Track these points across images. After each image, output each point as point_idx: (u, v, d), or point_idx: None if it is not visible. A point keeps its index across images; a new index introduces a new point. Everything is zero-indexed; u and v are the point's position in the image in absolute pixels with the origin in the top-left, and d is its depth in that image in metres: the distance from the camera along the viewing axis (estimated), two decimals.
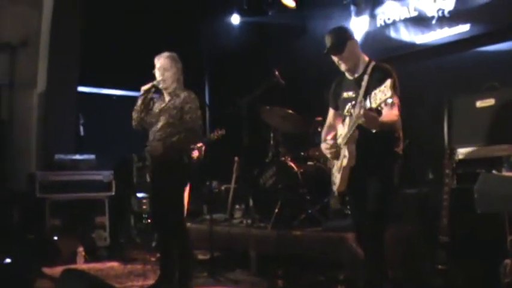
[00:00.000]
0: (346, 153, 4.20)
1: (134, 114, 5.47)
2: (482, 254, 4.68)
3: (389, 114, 4.04)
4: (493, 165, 5.01)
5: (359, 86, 4.24)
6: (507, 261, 3.36)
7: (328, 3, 8.31)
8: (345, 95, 4.44)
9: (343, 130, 4.29)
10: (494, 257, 3.70)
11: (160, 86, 5.36)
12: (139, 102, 5.43)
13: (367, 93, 3.99)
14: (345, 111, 4.37)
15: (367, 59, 4.45)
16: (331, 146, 4.42)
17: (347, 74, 4.48)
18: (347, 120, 4.24)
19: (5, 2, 8.09)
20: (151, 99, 5.51)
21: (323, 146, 4.54)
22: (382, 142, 4.16)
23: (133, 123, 5.49)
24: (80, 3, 8.62)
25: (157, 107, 5.42)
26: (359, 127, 4.01)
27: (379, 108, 3.72)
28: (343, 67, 4.43)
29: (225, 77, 9.61)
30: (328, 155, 4.52)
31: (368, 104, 3.80)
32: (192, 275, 5.36)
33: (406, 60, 7.05)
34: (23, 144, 8.17)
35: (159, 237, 5.77)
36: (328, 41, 4.41)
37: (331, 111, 4.73)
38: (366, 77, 4.22)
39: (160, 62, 5.34)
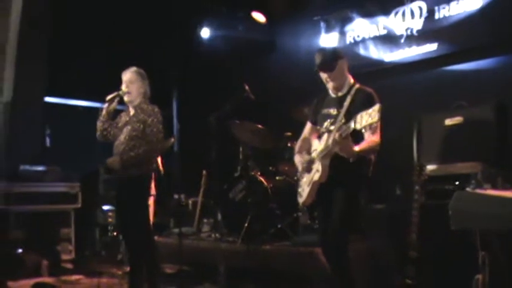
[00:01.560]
0: (320, 168, 4.26)
1: (98, 124, 5.45)
2: (452, 269, 4.74)
3: (371, 141, 4.12)
4: (461, 182, 5.13)
5: (341, 105, 4.34)
6: (478, 276, 3.41)
7: (298, 19, 8.38)
8: (325, 111, 4.50)
9: (318, 145, 4.33)
10: (465, 272, 3.75)
11: (126, 98, 5.34)
12: (103, 112, 5.42)
13: (348, 114, 4.13)
14: (323, 127, 4.42)
15: (352, 80, 4.53)
16: (304, 162, 4.48)
17: (331, 92, 4.54)
18: (324, 136, 4.28)
19: None
20: (117, 110, 5.49)
21: (297, 157, 4.62)
22: (354, 163, 4.20)
23: (97, 133, 5.47)
24: (48, 14, 8.53)
25: (122, 120, 5.42)
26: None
27: (363, 131, 3.79)
28: (330, 85, 4.48)
29: (194, 90, 9.59)
30: (300, 168, 4.57)
31: (352, 126, 3.83)
32: None
33: (374, 77, 7.10)
34: None
35: (128, 251, 5.72)
36: (318, 58, 4.46)
37: (308, 125, 4.79)
38: (348, 98, 4.33)
39: (127, 75, 5.36)
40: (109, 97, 5.37)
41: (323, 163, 4.24)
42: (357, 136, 4.08)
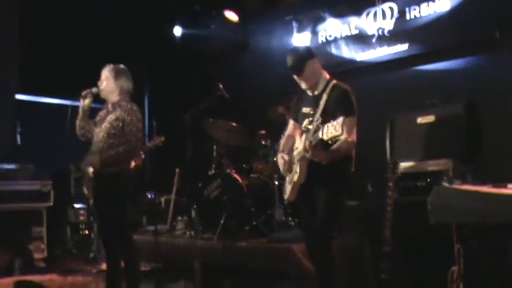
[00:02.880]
0: (298, 169, 4.35)
1: (76, 122, 5.44)
2: (425, 263, 4.87)
3: (343, 142, 4.11)
4: (433, 179, 5.26)
5: (317, 104, 4.41)
6: (454, 268, 3.52)
7: (270, 18, 8.44)
8: (304, 110, 4.57)
9: (299, 143, 4.40)
10: (438, 266, 3.86)
11: (101, 95, 5.34)
12: (79, 110, 5.42)
13: (324, 113, 4.24)
14: (303, 126, 4.51)
15: (328, 77, 4.59)
16: (285, 162, 4.57)
17: (307, 91, 4.60)
18: (304, 135, 4.35)
19: None
20: (93, 108, 5.47)
21: (279, 157, 4.68)
22: (334, 161, 4.29)
23: (76, 131, 5.46)
24: (18, 9, 8.45)
25: (100, 116, 5.40)
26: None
27: (329, 142, 3.88)
28: (303, 85, 4.56)
29: (167, 89, 9.61)
30: (281, 168, 4.64)
31: (319, 135, 3.92)
32: (139, 286, 5.33)
33: (347, 77, 7.08)
34: None
35: (105, 249, 5.72)
36: (289, 61, 4.52)
37: (291, 122, 4.85)
38: (324, 96, 4.40)
39: (103, 72, 5.33)
40: (83, 93, 5.37)
41: (301, 164, 4.33)
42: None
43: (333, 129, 3.75)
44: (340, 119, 3.72)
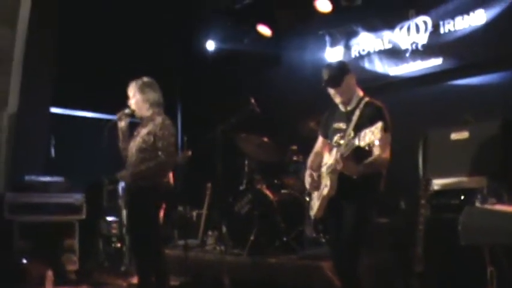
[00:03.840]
0: (328, 183, 4.28)
1: (119, 144, 5.46)
2: (457, 284, 4.75)
3: (376, 158, 4.06)
4: (467, 196, 5.15)
5: (349, 120, 4.35)
6: None
7: (303, 33, 8.43)
8: (335, 125, 4.51)
9: (329, 159, 4.35)
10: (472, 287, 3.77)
11: (130, 111, 5.36)
12: (119, 132, 5.43)
13: (357, 128, 4.15)
14: (333, 141, 4.45)
15: (361, 93, 4.53)
16: (313, 180, 4.52)
17: (340, 106, 4.54)
18: (334, 150, 4.30)
19: None
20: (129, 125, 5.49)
21: (307, 174, 4.62)
22: (364, 177, 4.22)
23: (121, 152, 5.47)
24: (55, 23, 8.56)
25: (137, 132, 5.37)
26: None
27: (367, 148, 3.81)
28: (338, 100, 4.50)
29: (199, 103, 9.63)
30: (308, 186, 4.59)
31: (356, 142, 3.87)
32: None
33: (380, 92, 7.07)
34: None
35: (136, 263, 5.71)
36: (325, 74, 4.47)
37: (320, 139, 4.79)
38: (357, 112, 4.33)
39: (129, 90, 5.34)
40: (117, 116, 5.39)
41: (331, 178, 4.27)
42: (364, 153, 4.09)
43: (370, 134, 3.70)
44: (379, 124, 3.66)
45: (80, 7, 8.54)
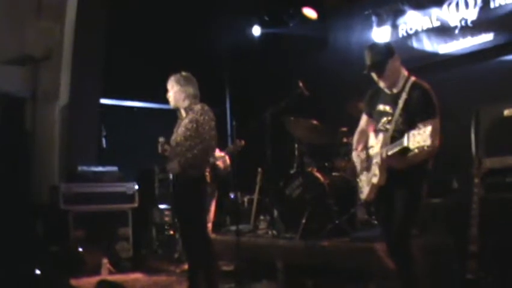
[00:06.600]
0: (377, 172, 4.22)
1: None
2: None
3: (426, 148, 3.79)
4: None
5: (396, 103, 4.26)
6: None
7: (349, 14, 8.36)
8: (381, 107, 4.42)
9: (375, 142, 4.29)
10: None
11: (172, 106, 5.48)
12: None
13: (403, 112, 4.15)
14: (380, 124, 4.37)
15: (406, 73, 4.39)
16: (362, 161, 4.47)
17: (385, 89, 4.44)
18: (381, 135, 4.23)
19: (28, 16, 8.14)
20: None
21: (354, 154, 4.56)
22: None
23: None
24: (103, 16, 8.67)
25: (177, 126, 5.48)
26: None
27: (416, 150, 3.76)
28: (382, 84, 4.39)
29: (247, 88, 9.63)
30: (358, 166, 4.53)
31: (405, 143, 3.81)
32: (218, 286, 5.36)
33: (429, 71, 7.00)
34: (46, 156, 8.18)
35: (185, 250, 5.76)
36: (368, 59, 4.37)
37: (364, 117, 4.72)
38: (403, 95, 4.23)
39: (168, 84, 5.46)
40: (159, 151, 5.48)
41: (380, 168, 4.20)
42: None
43: (420, 138, 3.64)
44: (429, 129, 3.59)
45: None
